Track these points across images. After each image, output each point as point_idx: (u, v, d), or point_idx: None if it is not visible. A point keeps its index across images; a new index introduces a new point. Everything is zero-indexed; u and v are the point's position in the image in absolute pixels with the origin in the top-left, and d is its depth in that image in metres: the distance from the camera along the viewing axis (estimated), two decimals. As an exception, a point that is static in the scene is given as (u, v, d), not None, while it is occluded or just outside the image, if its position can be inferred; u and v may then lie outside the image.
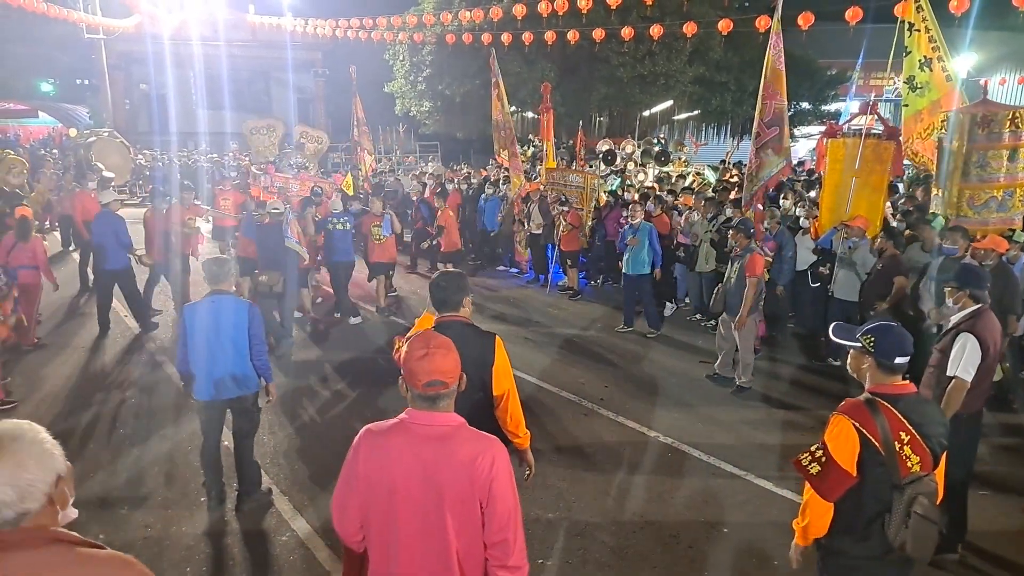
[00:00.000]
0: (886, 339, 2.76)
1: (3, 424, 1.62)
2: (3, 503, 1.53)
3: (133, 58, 32.90)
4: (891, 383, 2.77)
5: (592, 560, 4.38)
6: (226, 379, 4.65)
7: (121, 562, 1.66)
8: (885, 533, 2.68)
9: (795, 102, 27.38)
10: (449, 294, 3.35)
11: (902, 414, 2.66)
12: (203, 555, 4.39)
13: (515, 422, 3.41)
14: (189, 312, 4.66)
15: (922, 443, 2.65)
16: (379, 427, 2.31)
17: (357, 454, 2.27)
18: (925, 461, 2.66)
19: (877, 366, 2.78)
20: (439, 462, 2.18)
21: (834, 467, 2.66)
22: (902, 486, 2.63)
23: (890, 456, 2.63)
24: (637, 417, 6.57)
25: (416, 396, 2.26)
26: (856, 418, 2.68)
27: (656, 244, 9.13)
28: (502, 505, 2.18)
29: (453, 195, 14.64)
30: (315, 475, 5.41)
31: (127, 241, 8.78)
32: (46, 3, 17.82)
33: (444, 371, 2.22)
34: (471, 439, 2.25)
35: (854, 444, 2.66)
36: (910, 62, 8.98)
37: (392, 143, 30.02)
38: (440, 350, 2.25)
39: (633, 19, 18.90)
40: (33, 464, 1.57)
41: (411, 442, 2.22)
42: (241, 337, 4.67)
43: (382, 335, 9.11)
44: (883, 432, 2.63)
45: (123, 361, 7.92)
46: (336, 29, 21.33)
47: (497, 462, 2.19)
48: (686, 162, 17.95)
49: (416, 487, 2.18)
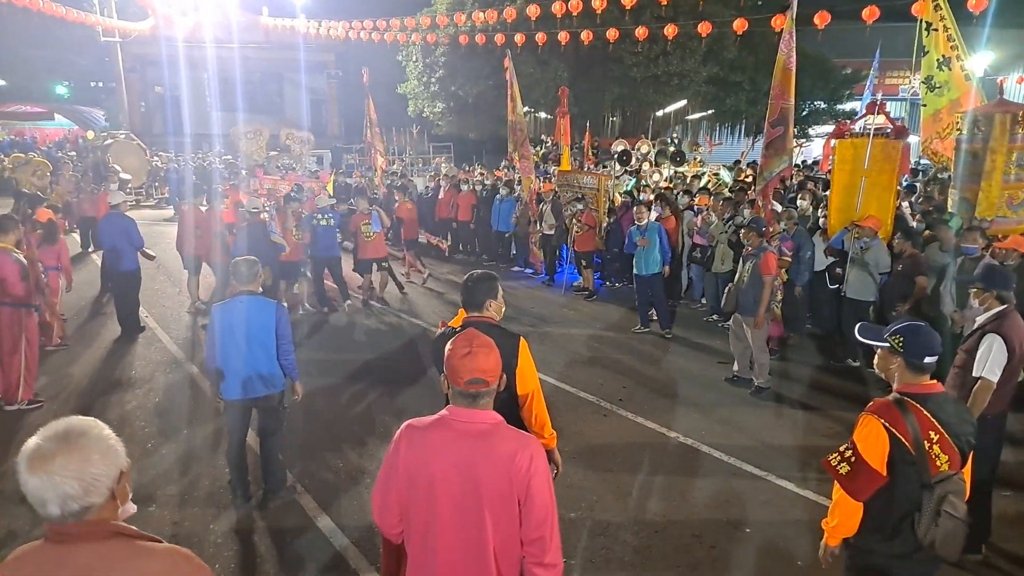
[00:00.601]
0: (915, 339, 2.77)
1: (71, 420, 1.67)
2: (69, 496, 1.58)
3: (148, 61, 33.25)
4: (920, 383, 2.78)
5: (615, 559, 4.40)
6: (253, 378, 4.71)
7: (181, 556, 1.71)
8: (914, 532, 2.69)
9: (810, 101, 27.24)
10: (476, 295, 3.39)
11: (931, 413, 2.68)
12: (230, 552, 4.45)
13: (540, 423, 3.44)
14: (218, 312, 4.72)
15: (951, 442, 2.67)
16: (420, 422, 2.36)
17: (398, 448, 2.32)
18: (954, 460, 2.68)
19: (906, 366, 2.79)
20: (478, 458, 2.22)
21: (864, 467, 2.68)
22: (932, 485, 2.65)
23: (920, 455, 2.64)
24: (656, 418, 6.58)
25: (457, 393, 2.31)
26: (886, 418, 2.69)
27: (666, 243, 9.20)
28: (539, 502, 2.22)
29: (467, 195, 14.72)
30: (338, 472, 5.46)
31: (139, 242, 8.94)
32: (64, 7, 18.02)
33: (486, 370, 2.27)
34: (510, 437, 2.29)
35: (884, 444, 2.67)
36: (928, 61, 8.95)
37: (405, 144, 30.13)
38: (483, 349, 2.30)
39: (647, 19, 18.87)
40: (98, 459, 1.63)
41: (451, 438, 2.26)
42: (268, 337, 4.72)
43: (403, 333, 9.17)
44: (913, 431, 2.65)
45: (146, 360, 8.00)
46: (349, 31, 21.42)
47: (535, 460, 2.23)
48: (701, 162, 17.92)
49: (455, 482, 2.23)
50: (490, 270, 3.70)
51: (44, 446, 1.60)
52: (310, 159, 25.94)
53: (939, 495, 2.63)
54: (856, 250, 7.57)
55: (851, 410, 6.73)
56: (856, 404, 6.86)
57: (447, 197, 15.13)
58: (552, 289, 12.06)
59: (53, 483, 1.57)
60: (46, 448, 1.60)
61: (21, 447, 1.63)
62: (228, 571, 4.27)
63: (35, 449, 1.60)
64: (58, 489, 1.57)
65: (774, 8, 15.09)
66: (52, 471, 1.57)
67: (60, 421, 1.67)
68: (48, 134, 33.10)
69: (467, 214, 14.61)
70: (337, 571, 4.29)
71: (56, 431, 1.63)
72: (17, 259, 6.22)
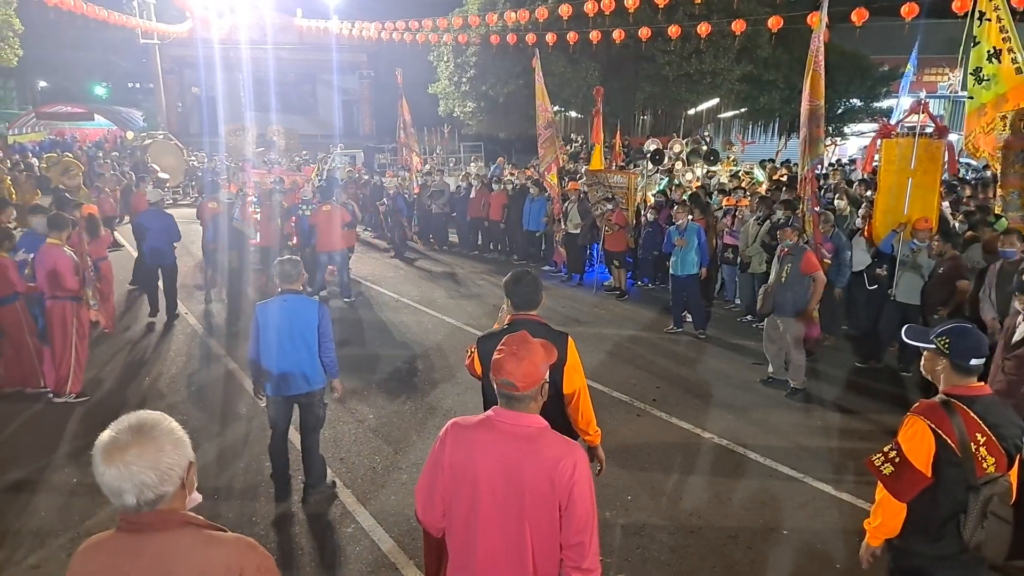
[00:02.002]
0: (963, 341, 2.75)
1: (141, 414, 1.74)
2: (146, 485, 1.65)
3: (186, 62, 33.92)
4: (967, 385, 2.76)
5: (652, 559, 4.41)
6: (295, 375, 4.78)
7: (247, 545, 1.79)
8: (959, 533, 2.69)
9: (846, 99, 26.77)
10: (534, 294, 3.49)
11: (978, 415, 2.66)
12: (271, 544, 4.54)
13: (586, 420, 3.49)
14: (261, 310, 4.81)
15: (998, 445, 2.65)
16: (466, 421, 2.40)
17: (443, 445, 2.37)
18: (1000, 462, 2.67)
19: (952, 368, 2.77)
20: (523, 461, 2.25)
21: (908, 468, 2.68)
22: (978, 487, 2.64)
23: (967, 457, 2.62)
24: (690, 418, 6.56)
25: (497, 392, 2.34)
26: (932, 419, 2.69)
27: (704, 245, 9.15)
28: (581, 509, 2.24)
29: (499, 195, 14.77)
30: (377, 467, 5.55)
31: (177, 236, 9.67)
32: (106, 10, 18.47)
33: (513, 374, 2.28)
34: (556, 443, 2.31)
35: (930, 445, 2.66)
36: (978, 53, 8.69)
37: (436, 144, 30.29)
38: (514, 356, 2.31)
39: (680, 17, 18.72)
40: (171, 449, 1.70)
41: (497, 439, 2.30)
42: (311, 334, 4.80)
43: (435, 331, 9.25)
44: (960, 433, 2.63)
45: (187, 355, 8.18)
46: (381, 31, 21.64)
47: (579, 467, 2.25)
48: (735, 161, 17.74)
49: (499, 483, 2.26)
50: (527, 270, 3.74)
51: (120, 438, 1.67)
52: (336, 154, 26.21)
53: (985, 497, 2.63)
54: (907, 252, 7.43)
55: (887, 412, 6.66)
56: (892, 406, 6.81)
57: (478, 197, 15.20)
58: (582, 288, 12.05)
59: (131, 472, 1.64)
60: (122, 440, 1.66)
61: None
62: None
63: (111, 441, 1.67)
64: (136, 479, 1.64)
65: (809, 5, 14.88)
66: (129, 461, 1.64)
67: (131, 415, 1.74)
68: (88, 134, 33.83)
69: (498, 213, 14.66)
70: (377, 566, 4.36)
71: (130, 423, 1.70)
72: (69, 254, 6.44)
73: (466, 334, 9.21)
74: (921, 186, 7.70)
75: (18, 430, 6.11)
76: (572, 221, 12.37)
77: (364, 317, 10.12)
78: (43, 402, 6.64)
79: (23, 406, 6.60)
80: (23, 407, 6.58)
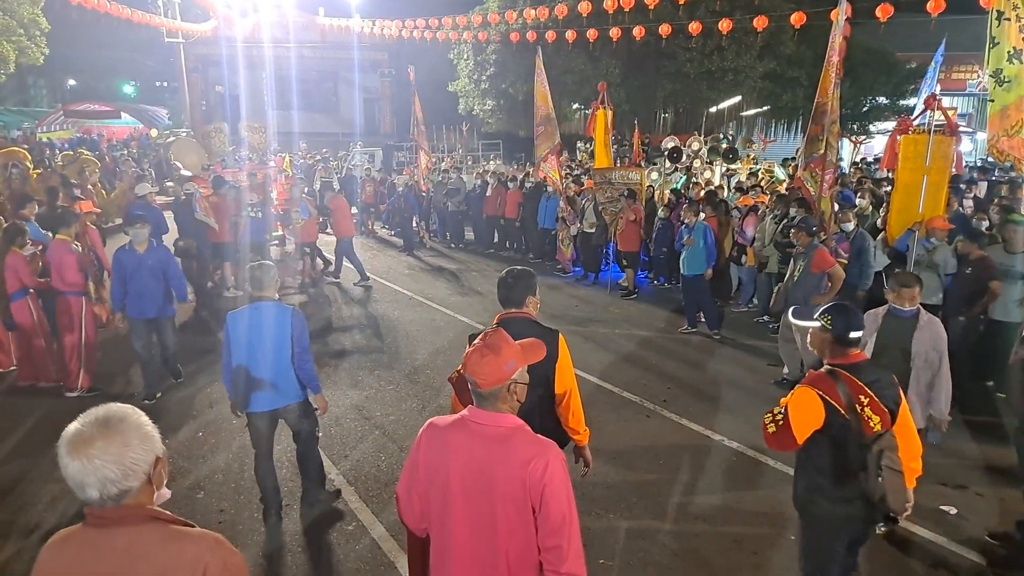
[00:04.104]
0: (842, 317, 3.10)
1: (110, 407, 1.73)
2: (109, 479, 1.63)
3: (210, 61, 34.25)
4: (848, 355, 3.11)
5: (653, 562, 4.33)
6: (272, 388, 4.45)
7: (213, 540, 1.76)
8: (863, 491, 3.00)
9: (871, 97, 26.33)
10: (513, 291, 3.43)
11: (860, 380, 2.99)
12: (275, 541, 4.54)
13: (576, 419, 3.45)
14: (232, 319, 4.45)
15: (880, 404, 2.98)
16: (442, 421, 2.36)
17: (419, 445, 2.34)
18: (884, 420, 3.00)
19: (835, 341, 3.11)
20: (494, 462, 2.20)
21: (787, 430, 3.02)
22: (868, 444, 2.96)
23: (855, 418, 2.96)
24: (701, 420, 6.46)
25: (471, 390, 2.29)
26: (821, 388, 3.00)
27: (711, 244, 9.04)
28: (555, 511, 2.16)
29: (514, 193, 14.73)
30: (382, 465, 5.53)
31: (166, 230, 9.75)
32: (130, 9, 18.70)
33: (475, 372, 2.22)
34: (527, 443, 2.23)
35: (818, 412, 2.98)
36: (998, 54, 8.47)
37: (455, 142, 30.32)
38: (478, 353, 2.24)
39: (702, 14, 18.51)
40: (137, 444, 1.68)
41: (468, 439, 2.25)
42: (285, 345, 4.44)
43: (446, 330, 9.22)
44: (846, 398, 2.96)
45: (189, 348, 8.22)
46: (402, 30, 21.66)
47: (551, 466, 2.17)
48: (755, 159, 17.51)
49: (470, 484, 2.22)
50: (528, 268, 3.69)
51: (85, 431, 1.65)
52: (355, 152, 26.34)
53: (876, 452, 2.94)
54: (922, 251, 7.26)
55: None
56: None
57: (495, 195, 15.16)
58: (595, 288, 11.96)
59: (94, 466, 1.62)
60: (87, 433, 1.65)
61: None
62: (271, 558, 4.36)
63: (76, 433, 1.65)
64: (99, 473, 1.62)
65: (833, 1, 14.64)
66: (92, 455, 1.62)
67: (100, 407, 1.73)
68: (115, 132, 34.30)
69: (513, 211, 14.61)
70: (376, 564, 4.33)
71: (96, 416, 1.68)
72: (74, 249, 6.52)
73: (478, 332, 9.17)
74: (933, 184, 7.53)
75: (30, 424, 6.18)
76: (588, 220, 12.29)
77: (375, 313, 10.13)
78: (57, 397, 6.72)
79: (36, 401, 6.69)
80: (36, 402, 6.67)
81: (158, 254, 6.68)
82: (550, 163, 12.51)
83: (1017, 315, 6.36)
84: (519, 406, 2.32)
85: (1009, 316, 6.47)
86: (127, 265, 6.49)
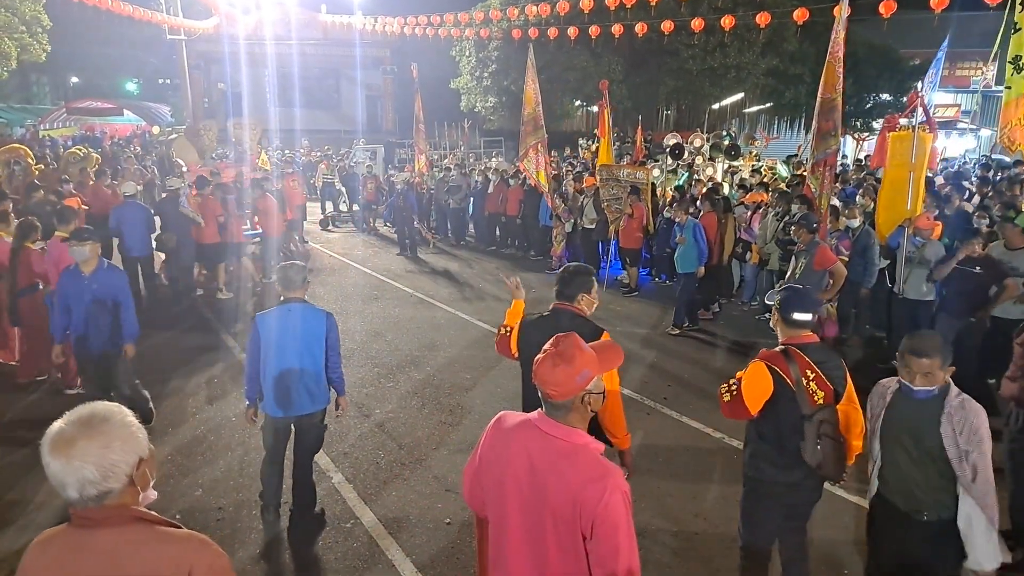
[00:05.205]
0: (789, 299, 3.34)
1: (96, 406, 1.70)
2: (88, 481, 1.61)
3: (212, 58, 34.27)
4: (798, 335, 3.33)
5: (652, 561, 4.31)
6: (301, 393, 4.36)
7: (199, 542, 1.74)
8: (802, 459, 3.21)
9: (875, 94, 26.24)
10: (567, 286, 3.55)
11: (808, 358, 3.24)
12: (274, 538, 4.52)
13: (612, 422, 3.43)
14: (261, 320, 4.36)
15: (825, 380, 3.22)
16: (511, 417, 2.29)
17: (485, 436, 2.31)
18: (828, 395, 3.23)
19: (785, 322, 3.35)
20: (549, 475, 2.08)
21: (740, 401, 3.28)
22: (811, 416, 3.19)
23: (800, 391, 3.19)
24: (702, 417, 6.43)
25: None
26: (772, 362, 3.26)
27: (702, 242, 8.97)
28: (606, 542, 2.00)
29: (515, 190, 14.68)
30: (380, 463, 5.51)
31: (154, 228, 9.84)
32: (131, 6, 18.68)
33: (546, 381, 2.10)
34: (587, 465, 2.07)
35: (767, 384, 3.22)
36: (1018, 40, 8.33)
37: (457, 139, 30.31)
38: (550, 360, 2.11)
39: (704, 10, 18.50)
40: (118, 445, 1.65)
41: (529, 444, 2.15)
42: (317, 348, 4.37)
43: (450, 326, 9.21)
44: (795, 372, 3.21)
45: (186, 347, 8.22)
46: (404, 26, 21.64)
47: (608, 498, 1.99)
48: (757, 156, 17.46)
49: (525, 491, 2.12)
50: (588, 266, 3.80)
51: (67, 430, 1.63)
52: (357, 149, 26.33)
53: (817, 422, 3.17)
54: (912, 248, 7.22)
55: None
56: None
57: (496, 192, 15.12)
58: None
59: (73, 467, 1.60)
60: (68, 432, 1.63)
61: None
62: (270, 556, 4.35)
63: (58, 433, 1.63)
64: (77, 473, 1.60)
65: (836, -3, 14.57)
66: (72, 455, 1.60)
67: (86, 406, 1.71)
68: (117, 129, 34.33)
69: (515, 208, 14.57)
70: (373, 562, 4.32)
71: (80, 416, 1.66)
72: None
73: (478, 329, 9.16)
74: (918, 180, 7.51)
75: (29, 420, 6.17)
76: (588, 216, 12.25)
77: (375, 311, 10.11)
78: (56, 394, 6.71)
79: (38, 396, 6.70)
80: (38, 397, 6.68)
81: (107, 278, 5.52)
82: (532, 159, 12.46)
83: (1015, 312, 6.31)
84: (592, 416, 2.20)
85: (1007, 313, 6.43)
86: (69, 290, 5.42)
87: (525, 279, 12.34)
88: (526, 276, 12.46)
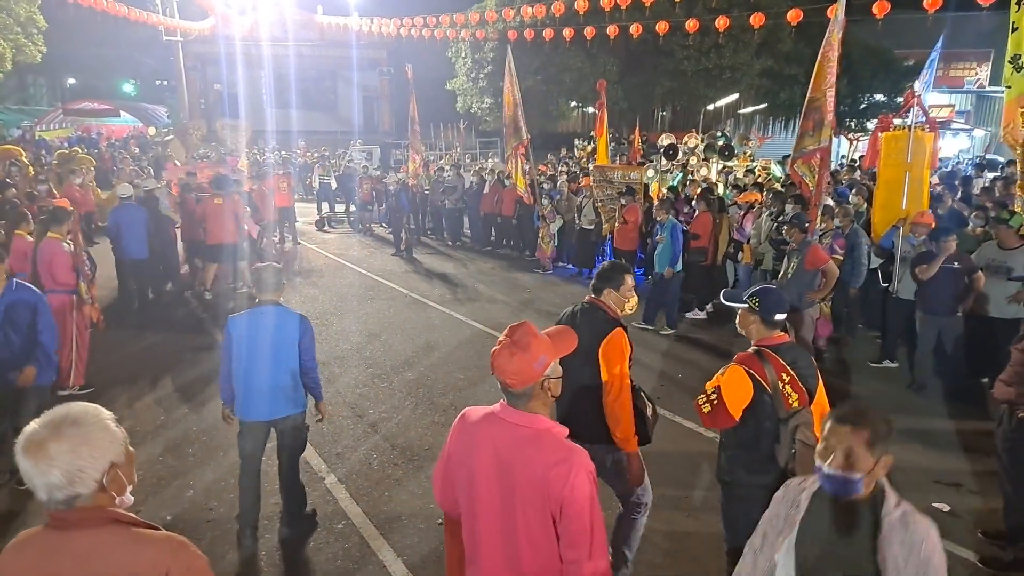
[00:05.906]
0: (768, 299, 3.24)
1: (70, 408, 1.68)
2: (53, 485, 1.60)
3: (208, 59, 34.27)
4: (773, 336, 3.27)
5: (645, 561, 4.31)
6: (272, 397, 4.25)
7: (177, 543, 1.72)
8: (776, 462, 3.16)
9: (869, 94, 26.29)
10: (598, 281, 3.68)
11: (783, 360, 3.18)
12: (264, 537, 4.52)
13: (613, 418, 3.47)
14: (233, 323, 4.26)
15: (799, 383, 3.17)
16: (474, 412, 2.31)
17: (452, 433, 2.33)
18: (802, 398, 3.18)
19: (762, 322, 3.26)
20: (515, 463, 2.11)
21: (723, 408, 3.17)
22: (786, 419, 3.14)
23: (776, 394, 3.13)
24: (693, 416, 6.36)
25: None
26: (749, 366, 3.18)
27: (678, 244, 8.95)
28: (575, 522, 2.05)
29: (511, 190, 14.67)
30: (373, 463, 5.51)
31: (151, 230, 9.79)
32: (127, 7, 18.68)
33: (503, 370, 2.13)
34: (551, 448, 2.11)
35: (748, 388, 3.14)
36: (1017, 39, 8.37)
37: (453, 139, 30.32)
38: (506, 350, 2.13)
39: (699, 11, 18.52)
40: (86, 451, 1.63)
41: (494, 436, 2.17)
42: (290, 351, 4.26)
43: (445, 326, 9.21)
44: (771, 375, 3.15)
45: (181, 347, 8.21)
46: (400, 28, 21.67)
47: (574, 477, 2.04)
48: (751, 157, 17.50)
49: (492, 481, 2.15)
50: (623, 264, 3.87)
51: (39, 432, 1.61)
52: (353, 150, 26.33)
53: (792, 426, 3.12)
54: (907, 248, 7.24)
55: (892, 412, 6.46)
56: (896, 407, 6.61)
57: (492, 192, 15.13)
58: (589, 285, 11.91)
59: (39, 470, 1.59)
60: (39, 435, 1.61)
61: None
62: (260, 555, 4.35)
63: (31, 434, 1.62)
64: (43, 477, 1.59)
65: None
66: (39, 458, 1.59)
67: (62, 407, 1.68)
68: (114, 130, 34.25)
69: (510, 209, 14.57)
70: (364, 563, 4.32)
71: (53, 418, 1.64)
72: (66, 248, 6.49)
73: (473, 330, 9.16)
74: (915, 180, 7.53)
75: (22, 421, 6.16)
76: (587, 217, 12.26)
77: (370, 312, 10.11)
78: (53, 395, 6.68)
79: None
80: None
81: (17, 296, 4.90)
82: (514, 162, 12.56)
83: (1010, 311, 6.34)
84: (553, 401, 2.23)
85: (1002, 313, 6.45)
86: None
87: (520, 280, 12.38)
88: (521, 277, 12.50)
